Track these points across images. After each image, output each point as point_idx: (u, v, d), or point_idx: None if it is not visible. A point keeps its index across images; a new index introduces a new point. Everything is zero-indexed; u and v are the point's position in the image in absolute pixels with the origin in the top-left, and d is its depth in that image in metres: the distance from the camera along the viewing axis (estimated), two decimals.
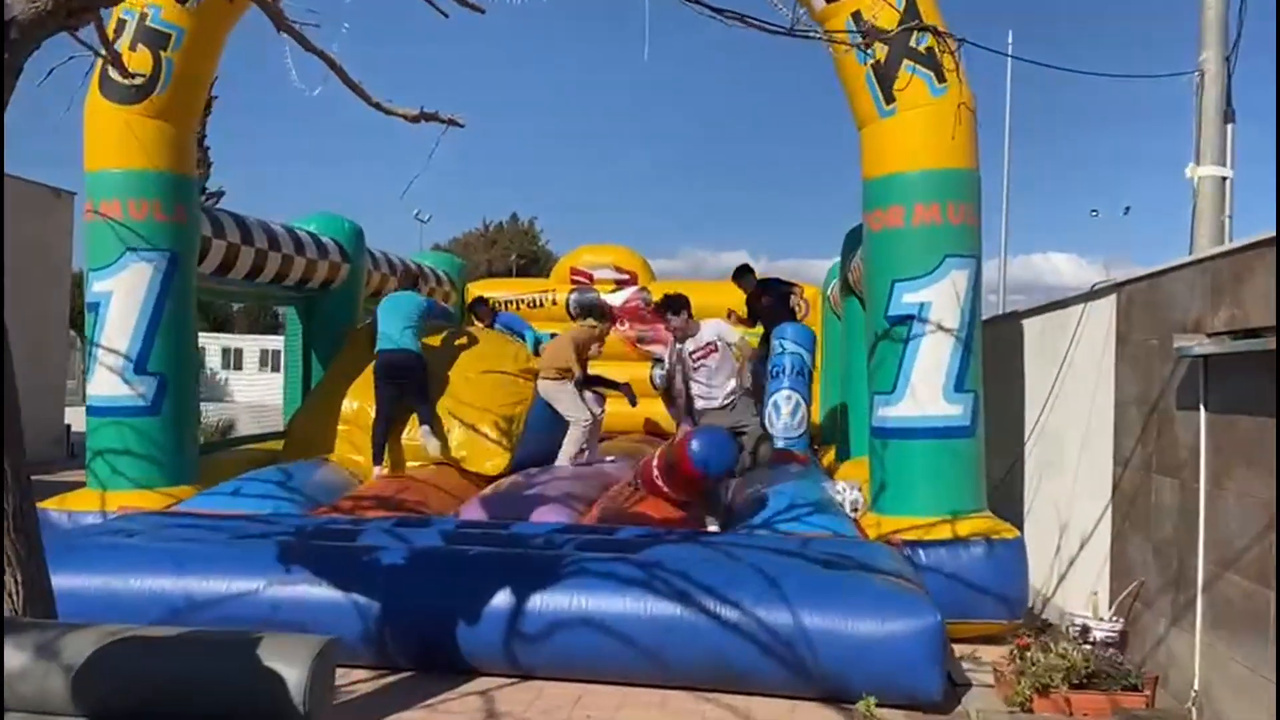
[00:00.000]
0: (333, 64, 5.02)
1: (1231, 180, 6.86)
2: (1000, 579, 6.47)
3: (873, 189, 6.95)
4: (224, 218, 9.16)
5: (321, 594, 5.41)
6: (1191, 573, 5.04)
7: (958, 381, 6.77)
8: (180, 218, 7.71)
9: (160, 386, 7.54)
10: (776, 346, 9.81)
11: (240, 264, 9.21)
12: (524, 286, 14.72)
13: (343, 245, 10.80)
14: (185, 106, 7.78)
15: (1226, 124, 6.87)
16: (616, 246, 14.26)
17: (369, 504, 7.13)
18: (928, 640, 5.06)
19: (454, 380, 9.11)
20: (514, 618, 5.25)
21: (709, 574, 5.35)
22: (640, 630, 5.16)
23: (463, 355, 9.52)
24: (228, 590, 5.48)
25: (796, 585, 5.26)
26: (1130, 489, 5.96)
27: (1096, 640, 5.64)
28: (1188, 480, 5.15)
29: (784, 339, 9.79)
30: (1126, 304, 6.13)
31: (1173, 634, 5.24)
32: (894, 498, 6.93)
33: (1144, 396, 5.79)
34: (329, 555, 5.67)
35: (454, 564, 5.56)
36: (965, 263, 6.74)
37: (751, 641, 5.11)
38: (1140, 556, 5.77)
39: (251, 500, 7.20)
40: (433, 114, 5.48)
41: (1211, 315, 4.94)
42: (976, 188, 6.84)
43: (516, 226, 57.32)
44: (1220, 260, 4.88)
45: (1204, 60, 6.89)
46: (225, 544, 5.90)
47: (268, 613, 5.39)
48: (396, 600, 5.39)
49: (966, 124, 6.50)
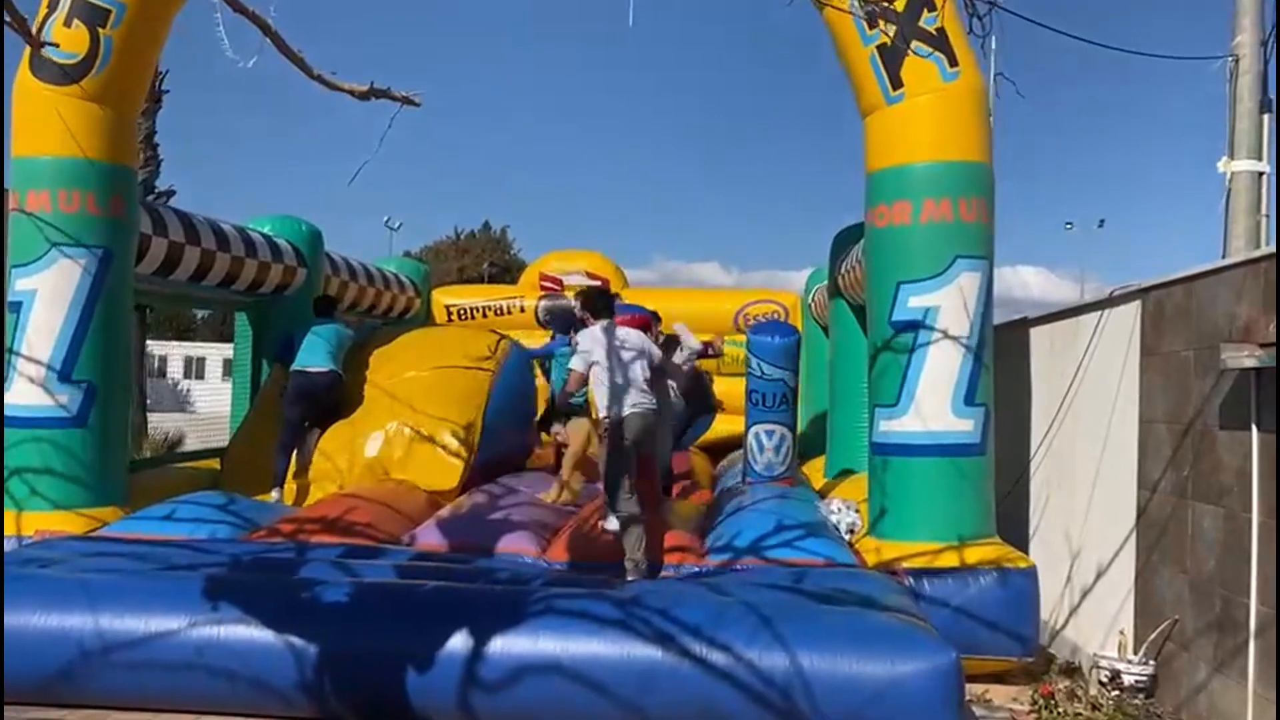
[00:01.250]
0: (266, 29, 4.41)
1: (1269, 175, 6.34)
2: (1011, 612, 5.92)
3: (877, 182, 6.39)
4: (167, 214, 8.53)
5: (253, 635, 4.74)
6: (1242, 614, 4.47)
7: (968, 395, 6.20)
8: (116, 212, 7.07)
9: (87, 396, 6.86)
10: (755, 368, 8.60)
11: (184, 265, 8.57)
12: (491, 293, 14.16)
13: (299, 249, 10.15)
14: (125, 90, 7.14)
15: (1263, 114, 6.35)
16: (588, 252, 13.69)
17: (314, 527, 6.44)
18: (942, 683, 4.49)
19: (404, 382, 8.47)
20: (472, 663, 4.59)
21: (693, 612, 4.73)
22: (616, 677, 4.52)
23: (413, 350, 8.92)
24: (146, 630, 4.79)
25: (792, 624, 4.66)
26: (1159, 516, 5.39)
27: (1126, 685, 5.06)
28: (1235, 509, 4.58)
29: (763, 359, 8.58)
30: (1154, 311, 5.57)
31: (1217, 682, 4.66)
32: (896, 521, 6.34)
33: (1176, 414, 5.23)
34: (263, 590, 5.01)
35: (404, 601, 4.89)
36: (977, 264, 6.18)
37: (742, 689, 4.49)
38: (1173, 592, 5.20)
39: (186, 525, 6.50)
40: (384, 90, 4.88)
41: (1265, 323, 4.37)
42: (990, 183, 6.29)
43: (489, 235, 56.56)
44: (1277, 260, 4.32)
45: (1238, 44, 6.35)
46: (148, 576, 5.22)
47: (191, 656, 4.74)
48: (339, 642, 4.73)
49: (980, 112, 5.93)
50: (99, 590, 4.98)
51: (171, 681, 4.74)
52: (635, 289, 13.88)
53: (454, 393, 8.46)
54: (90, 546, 5.96)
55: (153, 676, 4.74)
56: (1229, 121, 6.45)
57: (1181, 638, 5.06)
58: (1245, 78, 6.34)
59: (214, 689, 4.72)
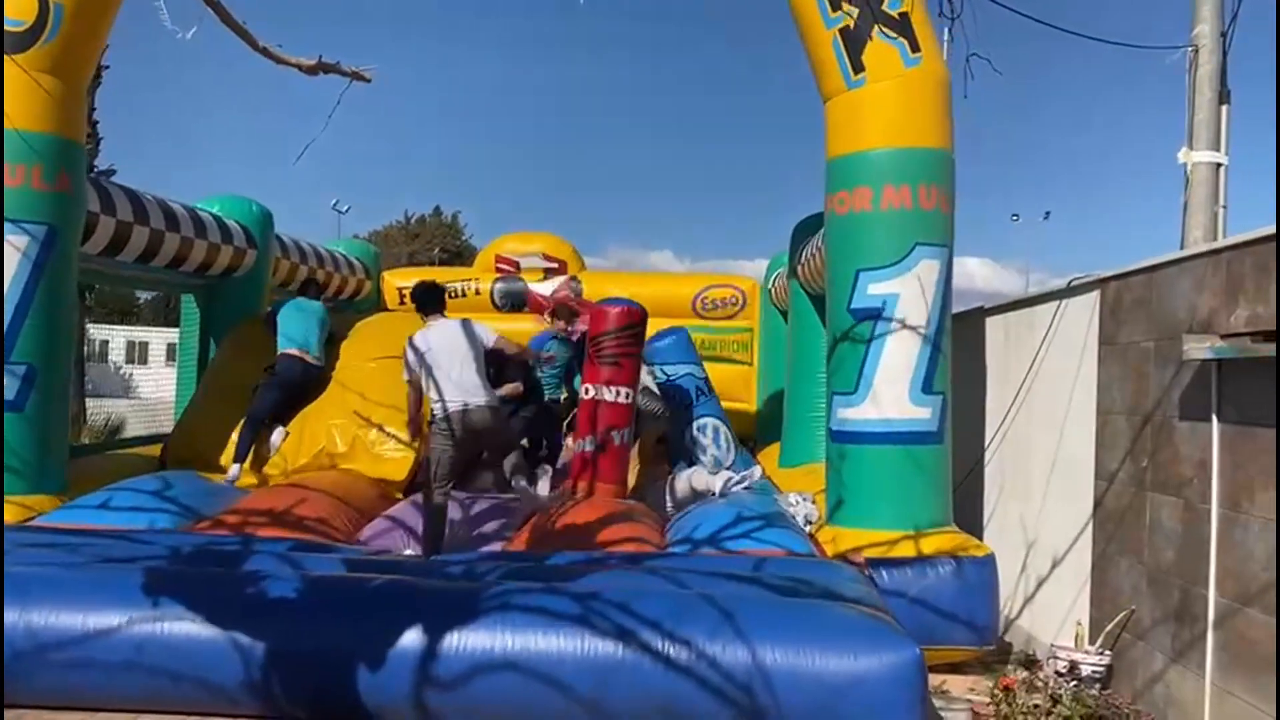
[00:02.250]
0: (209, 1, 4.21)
1: (1227, 166, 6.36)
2: (970, 602, 5.90)
3: (838, 168, 6.31)
4: (115, 192, 8.26)
5: (196, 631, 4.55)
6: (1199, 605, 4.47)
7: (925, 383, 6.17)
8: (63, 187, 6.78)
9: (26, 380, 6.59)
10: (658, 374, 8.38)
11: (132, 244, 8.32)
12: (446, 275, 13.89)
13: (249, 230, 9.89)
14: (75, 61, 6.82)
15: (1221, 105, 6.36)
16: (544, 234, 13.51)
17: (261, 520, 6.23)
18: (906, 678, 4.41)
19: (349, 371, 8.29)
20: (426, 660, 4.44)
21: (654, 606, 4.62)
22: (575, 673, 4.41)
23: (356, 340, 8.73)
24: (82, 627, 4.58)
25: (754, 618, 4.57)
26: (1117, 507, 5.39)
27: (1083, 676, 5.06)
28: (1194, 500, 4.58)
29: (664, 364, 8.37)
30: (1113, 301, 5.56)
31: (1174, 673, 4.67)
32: (854, 510, 6.30)
33: (1135, 404, 5.22)
34: (206, 584, 4.82)
35: (355, 596, 4.73)
36: (936, 252, 6.14)
37: (703, 684, 4.40)
38: (1130, 583, 5.20)
39: (123, 514, 6.26)
40: (333, 65, 4.71)
41: (1227, 313, 4.36)
42: (951, 171, 6.24)
43: (440, 220, 55.87)
44: (1240, 251, 4.30)
45: (1197, 35, 6.35)
46: (83, 569, 5.00)
47: (131, 655, 4.54)
48: (287, 639, 4.56)
49: (942, 99, 5.87)
50: (31, 584, 4.75)
51: (110, 681, 4.53)
52: (592, 273, 13.74)
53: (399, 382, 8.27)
54: (21, 537, 5.71)
55: (90, 676, 4.53)
56: (1188, 112, 6.46)
57: (1138, 628, 5.07)
58: (1205, 68, 6.34)
59: (156, 688, 4.53)
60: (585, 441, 7.42)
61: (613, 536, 6.21)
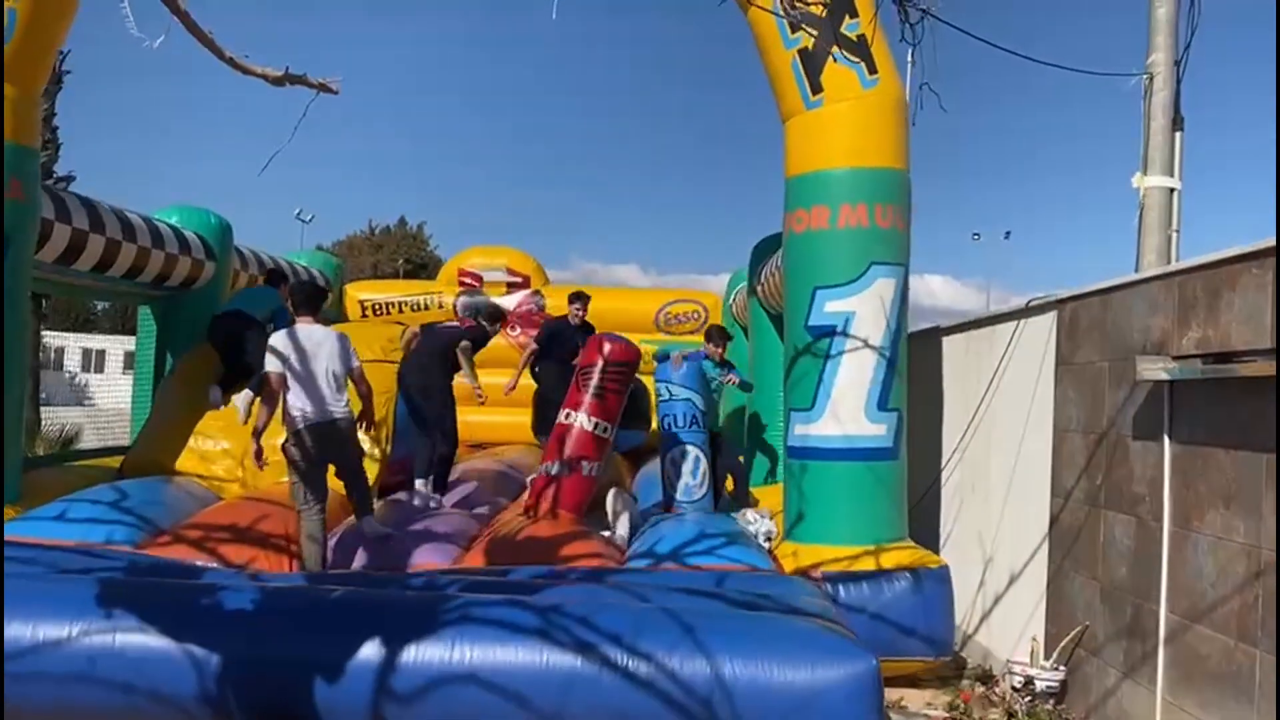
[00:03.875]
0: (175, 8, 4.19)
1: (1179, 191, 6.49)
2: (926, 615, 5.97)
3: (796, 187, 6.39)
4: (70, 200, 8.13)
5: (149, 643, 4.47)
6: (1151, 621, 4.54)
7: (881, 399, 6.25)
8: (16, 194, 6.66)
9: None
10: (662, 391, 8.22)
11: (88, 254, 8.19)
12: (409, 288, 13.86)
13: (207, 241, 9.78)
14: (29, 66, 6.73)
15: (1175, 131, 6.50)
16: (509, 248, 13.50)
17: (222, 535, 6.13)
18: (863, 689, 4.43)
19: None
20: (384, 672, 4.41)
21: (614, 620, 4.60)
22: (535, 687, 4.39)
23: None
24: (33, 638, 4.49)
25: (714, 631, 4.58)
26: (1072, 524, 5.47)
27: (1038, 691, 5.12)
28: (1146, 518, 4.67)
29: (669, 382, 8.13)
30: (1070, 322, 5.66)
31: (1126, 688, 4.74)
32: (812, 525, 6.36)
33: (1090, 424, 5.32)
34: (161, 595, 4.75)
35: (311, 607, 4.69)
36: (892, 271, 6.23)
37: (663, 698, 4.40)
38: (1084, 599, 5.28)
39: (78, 526, 6.16)
40: (300, 76, 4.65)
41: (1178, 336, 4.46)
42: (907, 190, 6.34)
43: (404, 230, 55.63)
44: (1191, 275, 4.40)
45: (1152, 63, 6.50)
46: (35, 580, 4.92)
47: (83, 666, 4.46)
48: (243, 651, 4.50)
49: (899, 120, 5.96)
50: None
51: (61, 693, 4.44)
52: (556, 286, 13.73)
53: None
54: None
55: (40, 688, 4.43)
56: (1143, 138, 6.60)
57: (1092, 644, 5.14)
58: (1159, 95, 6.48)
59: (108, 701, 4.44)
60: (551, 465, 7.18)
61: (574, 552, 6.20)
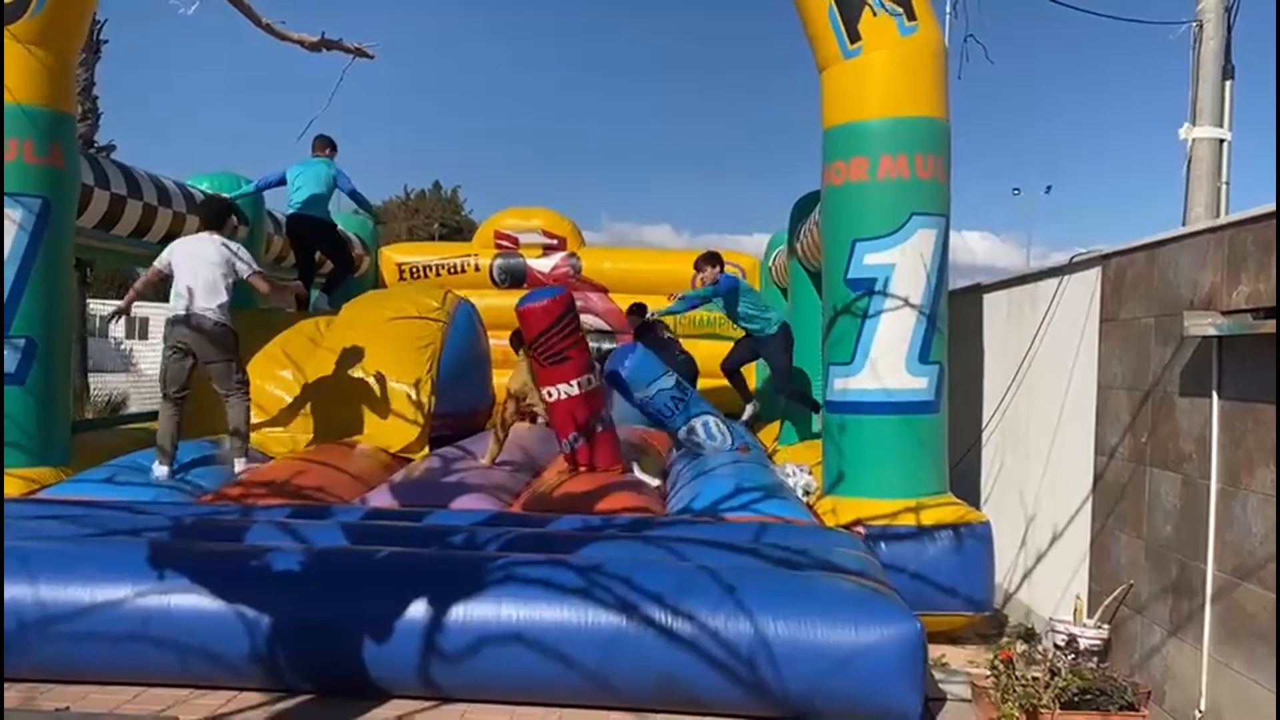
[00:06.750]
0: None
1: (1230, 143, 6.33)
2: (967, 570, 5.97)
3: (834, 138, 6.30)
4: (109, 166, 8.31)
5: (201, 604, 4.58)
6: (1198, 580, 4.50)
7: (922, 352, 6.19)
8: (55, 160, 6.81)
9: (26, 353, 6.63)
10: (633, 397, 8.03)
11: (126, 219, 8.37)
12: (444, 251, 13.91)
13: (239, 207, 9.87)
14: (64, 32, 6.83)
15: (1225, 81, 6.32)
16: (544, 209, 13.48)
17: (261, 491, 6.26)
18: (907, 652, 4.46)
19: (364, 338, 8.30)
20: (431, 632, 4.49)
21: (656, 579, 4.65)
22: (579, 647, 4.45)
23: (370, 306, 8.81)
24: (90, 600, 4.61)
25: (756, 591, 4.60)
26: (1116, 482, 5.42)
27: (1081, 649, 5.10)
28: (1193, 476, 4.61)
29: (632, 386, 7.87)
30: (1115, 278, 5.56)
31: (1172, 646, 4.71)
32: (852, 479, 6.34)
33: (1136, 381, 5.24)
34: (211, 557, 4.85)
35: (359, 568, 4.76)
36: (933, 222, 6.15)
37: (706, 657, 4.45)
38: (1128, 557, 5.24)
39: (127, 487, 6.30)
40: (336, 41, 4.71)
41: (1228, 291, 4.37)
42: (947, 140, 6.23)
43: (439, 195, 55.78)
44: (1242, 228, 4.30)
45: (1201, 9, 6.31)
46: (88, 542, 5.03)
47: (137, 627, 4.57)
48: (293, 611, 4.59)
49: (938, 68, 5.85)
50: (37, 557, 4.78)
51: (116, 653, 4.57)
52: (591, 248, 13.73)
53: (405, 347, 8.29)
54: (26, 510, 5.74)
55: (96, 648, 4.56)
56: (1191, 88, 6.43)
57: (1136, 602, 5.11)
58: (1209, 43, 6.30)
59: (161, 661, 4.56)
60: (571, 439, 7.11)
61: (614, 505, 6.24)
